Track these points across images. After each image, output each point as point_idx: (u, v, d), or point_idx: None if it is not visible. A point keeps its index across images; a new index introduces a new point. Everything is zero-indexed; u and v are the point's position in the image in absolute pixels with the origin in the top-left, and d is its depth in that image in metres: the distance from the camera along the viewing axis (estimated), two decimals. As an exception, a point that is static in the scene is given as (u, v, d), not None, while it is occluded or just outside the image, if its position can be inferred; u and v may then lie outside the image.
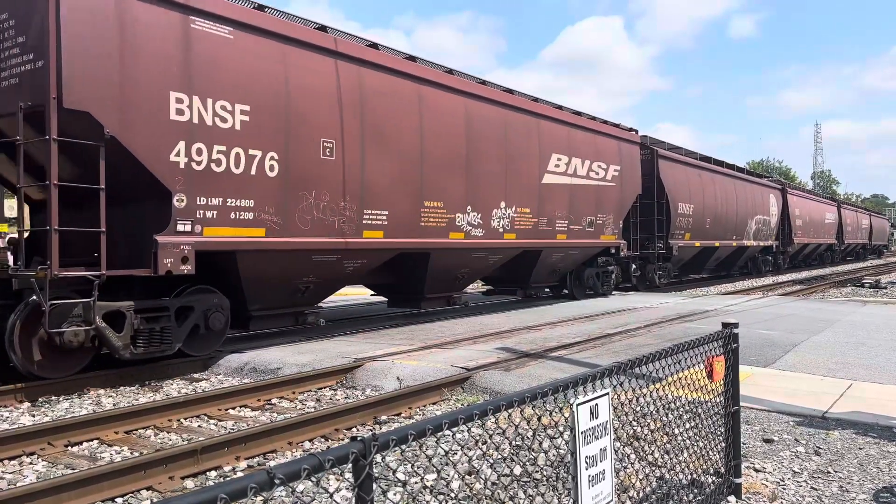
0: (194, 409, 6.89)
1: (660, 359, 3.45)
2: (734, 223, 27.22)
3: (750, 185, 29.96)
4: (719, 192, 25.79)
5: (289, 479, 1.71)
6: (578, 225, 16.30)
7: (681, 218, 22.34)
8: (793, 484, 4.67)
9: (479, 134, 13.10)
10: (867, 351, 9.63)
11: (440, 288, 13.31)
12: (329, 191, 10.09)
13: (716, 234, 25.29)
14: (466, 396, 7.43)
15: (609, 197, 17.63)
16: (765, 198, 31.43)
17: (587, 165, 16.60)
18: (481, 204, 13.17)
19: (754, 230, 29.61)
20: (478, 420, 2.37)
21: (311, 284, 10.46)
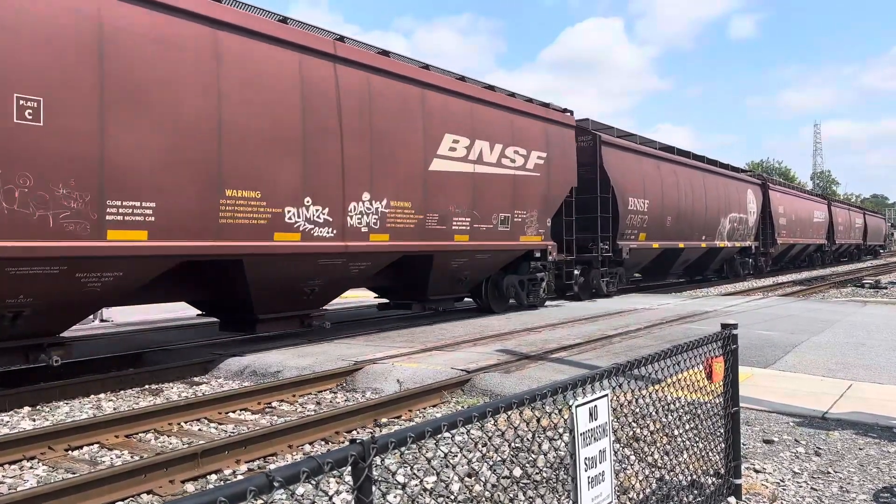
0: (194, 413, 6.89)
1: (659, 360, 3.46)
2: (703, 222, 24.18)
3: (723, 180, 26.71)
4: (684, 187, 22.74)
5: (288, 482, 1.71)
6: (486, 223, 13.48)
7: (632, 216, 19.43)
8: (793, 484, 4.67)
9: (325, 103, 10.08)
10: (867, 351, 9.63)
11: (283, 305, 10.42)
12: (33, 171, 7.02)
13: (680, 234, 22.41)
14: (466, 399, 7.43)
15: (531, 190, 14.72)
16: (741, 194, 28.39)
17: (499, 151, 13.77)
18: (329, 195, 10.20)
19: (728, 230, 26.60)
20: (477, 422, 2.37)
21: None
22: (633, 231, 19.55)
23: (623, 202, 18.88)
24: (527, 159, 14.62)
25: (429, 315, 14.92)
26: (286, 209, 9.59)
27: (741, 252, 29.28)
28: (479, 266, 13.96)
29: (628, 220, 19.15)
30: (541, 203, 15.14)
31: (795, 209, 36.36)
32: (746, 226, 28.76)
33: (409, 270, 12.72)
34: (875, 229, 63.38)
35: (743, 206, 28.33)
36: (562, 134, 16.09)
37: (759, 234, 30.69)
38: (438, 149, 12.37)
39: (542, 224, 15.26)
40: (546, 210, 15.38)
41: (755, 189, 30.52)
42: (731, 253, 28.13)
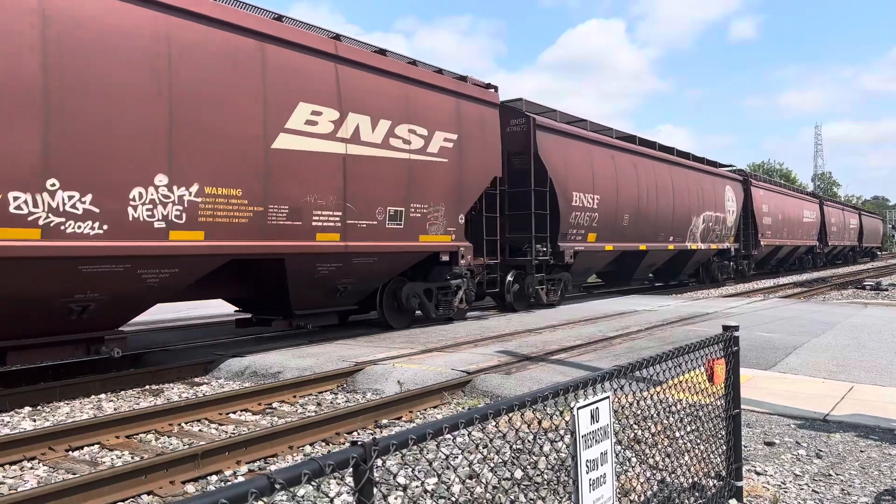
0: (195, 414, 6.89)
1: (660, 362, 3.45)
2: (669, 221, 21.42)
3: (695, 175, 23.73)
4: (646, 182, 20.02)
5: (289, 484, 1.71)
6: (368, 219, 10.82)
7: (578, 213, 16.72)
8: (794, 487, 4.66)
9: (82, 50, 7.41)
10: (868, 353, 9.62)
11: (33, 329, 7.71)
12: None
13: (640, 234, 19.81)
14: (467, 400, 7.42)
15: (435, 179, 12.17)
16: (719, 190, 25.64)
17: (386, 128, 11.12)
18: (94, 177, 7.50)
19: (703, 230, 23.93)
20: (478, 424, 2.37)
21: None
22: (579, 231, 16.93)
23: (565, 197, 16.17)
24: (428, 141, 11.99)
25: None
26: (12, 194, 6.90)
27: (719, 255, 26.84)
28: (363, 273, 11.18)
29: (573, 219, 16.50)
30: (450, 195, 12.57)
31: (782, 208, 33.57)
32: (724, 226, 26.02)
33: (260, 279, 10.32)
34: (871, 230, 60.76)
35: (720, 203, 25.57)
36: (481, 113, 13.48)
37: (741, 235, 28.16)
38: (288, 121, 9.59)
39: (453, 221, 12.66)
40: (458, 204, 12.78)
41: (735, 185, 27.85)
42: (707, 255, 25.57)
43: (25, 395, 7.61)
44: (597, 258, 18.62)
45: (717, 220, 25.27)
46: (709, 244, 24.76)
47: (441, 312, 13.03)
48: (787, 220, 34.20)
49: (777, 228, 32.49)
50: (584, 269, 18.66)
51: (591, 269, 19.54)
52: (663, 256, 22.28)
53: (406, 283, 12.47)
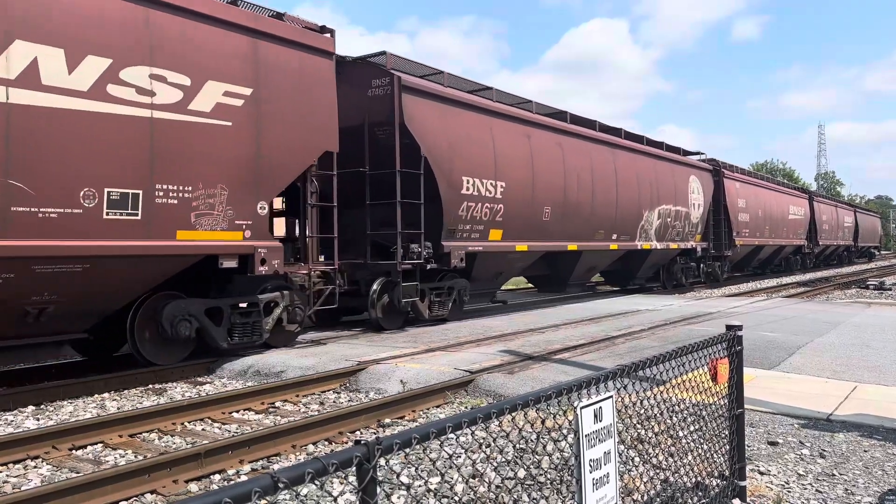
0: (198, 413, 6.90)
1: (664, 361, 3.45)
2: (612, 216, 17.98)
3: (649, 161, 20.17)
4: (577, 167, 16.35)
5: (293, 483, 1.71)
6: (61, 205, 7.33)
7: (471, 204, 13.00)
8: (798, 487, 4.66)
9: None
10: (872, 353, 9.60)
11: None
12: None
13: (568, 231, 16.21)
14: (470, 399, 7.42)
15: (209, 150, 8.69)
16: (681, 181, 22.04)
17: (101, 69, 7.63)
18: None
19: (659, 227, 20.52)
20: (482, 423, 2.36)
21: None
22: (475, 227, 13.25)
23: (450, 183, 12.50)
24: (192, 94, 8.51)
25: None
26: None
27: (684, 255, 23.43)
28: (72, 288, 7.69)
29: (463, 211, 12.84)
30: (239, 175, 9.05)
31: (763, 203, 29.96)
32: (688, 222, 22.49)
33: None
34: (868, 229, 56.94)
35: (682, 196, 22.03)
36: (300, 64, 9.91)
37: (710, 233, 24.80)
38: None
39: (246, 211, 9.15)
40: (255, 187, 9.27)
41: (703, 176, 24.22)
42: (667, 256, 22.32)
43: (29, 394, 7.62)
44: (508, 261, 14.91)
45: (677, 215, 21.74)
46: (667, 243, 21.31)
47: (239, 341, 9.38)
48: (768, 216, 30.74)
49: (757, 226, 29.04)
50: (493, 273, 14.85)
51: (504, 274, 15.62)
52: (606, 258, 18.94)
53: (174, 300, 8.84)
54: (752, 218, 28.60)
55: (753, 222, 28.73)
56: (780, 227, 32.73)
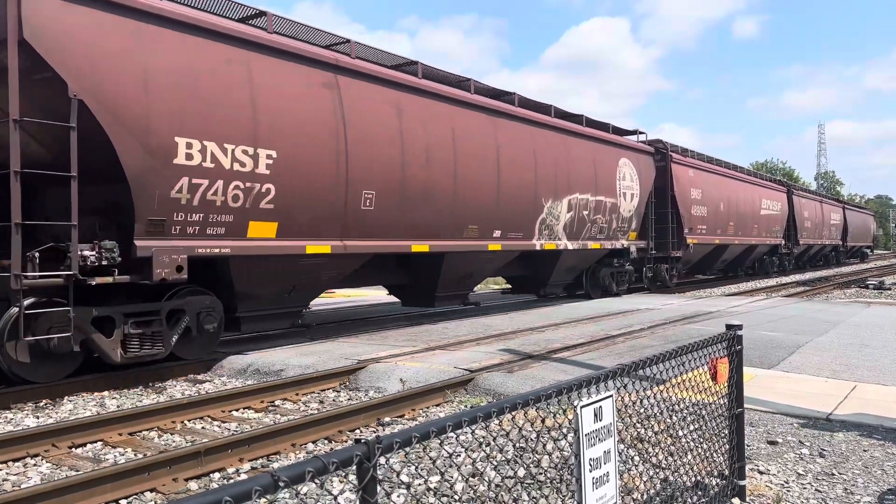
0: (198, 411, 6.90)
1: (663, 361, 3.45)
2: (489, 206, 13.31)
3: (554, 137, 15.49)
4: (425, 138, 11.81)
5: (293, 482, 1.71)
6: None
7: (198, 181, 8.45)
8: (797, 486, 4.66)
9: None
10: (872, 352, 9.60)
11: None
12: None
13: (414, 223, 11.70)
14: (469, 398, 7.42)
15: None
16: (605, 165, 17.47)
17: None
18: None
19: (569, 222, 15.89)
20: (482, 422, 2.37)
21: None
22: (214, 217, 8.76)
23: (146, 146, 7.95)
24: None
25: (431, 314, 14.92)
26: None
27: (615, 256, 19.13)
28: None
29: (183, 192, 8.32)
30: None
31: (726, 195, 25.77)
32: (617, 216, 18.08)
33: None
34: (859, 227, 52.11)
35: (607, 184, 17.53)
36: None
37: (651, 230, 20.46)
38: None
39: None
40: None
41: (641, 160, 19.59)
42: (587, 258, 17.88)
43: (29, 392, 7.62)
44: (304, 269, 10.27)
45: (600, 207, 17.18)
46: (585, 242, 16.81)
47: None
48: (734, 211, 26.27)
49: (718, 222, 24.71)
50: (277, 289, 10.12)
51: (303, 289, 10.61)
52: (487, 262, 14.06)
53: None
54: (712, 212, 24.18)
55: (713, 217, 24.27)
56: (749, 223, 28.12)
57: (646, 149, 20.41)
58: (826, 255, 44.05)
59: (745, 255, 29.46)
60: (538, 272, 16.69)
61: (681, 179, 21.90)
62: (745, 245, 28.22)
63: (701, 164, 24.36)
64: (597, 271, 18.81)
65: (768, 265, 32.60)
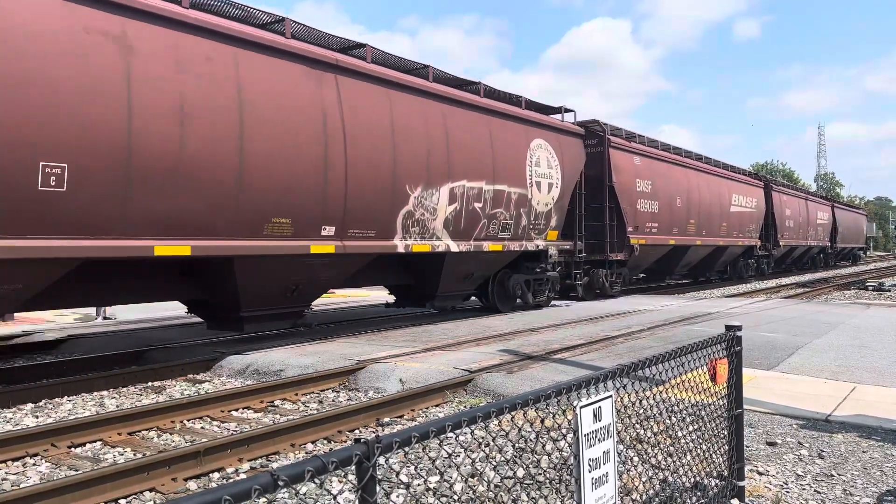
0: (197, 411, 6.90)
1: (663, 361, 3.45)
2: (312, 194, 9.79)
3: (430, 107, 12.04)
4: (174, 92, 8.04)
5: (292, 481, 1.71)
6: None
7: None
8: (796, 487, 4.66)
9: None
10: (871, 354, 9.61)
11: None
12: None
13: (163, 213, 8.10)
14: (469, 399, 7.43)
15: None
16: (510, 145, 13.83)
17: None
18: None
19: (454, 216, 12.40)
20: (481, 423, 2.37)
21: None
22: None
23: None
24: None
25: (431, 314, 14.92)
26: None
27: (529, 260, 15.28)
28: None
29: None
30: None
31: (685, 188, 22.02)
32: (529, 211, 14.37)
33: None
34: (850, 228, 48.61)
35: (515, 171, 13.88)
36: None
37: (580, 228, 16.82)
38: None
39: None
40: None
41: (565, 143, 15.76)
42: (490, 264, 14.04)
43: (28, 391, 7.62)
44: None
45: (500, 199, 13.46)
46: (481, 243, 13.16)
47: None
48: (695, 207, 22.81)
49: (673, 220, 21.23)
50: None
51: None
52: (321, 269, 10.45)
53: None
54: (665, 208, 20.69)
55: (667, 214, 20.81)
56: (715, 221, 24.57)
57: (573, 129, 16.61)
58: (813, 258, 40.70)
59: (713, 258, 26.12)
60: (423, 281, 13.12)
61: (623, 169, 18.65)
62: (712, 246, 24.88)
63: (651, 152, 20.61)
64: (506, 279, 15.09)
65: (743, 269, 29.19)
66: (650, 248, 20.14)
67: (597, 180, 17.82)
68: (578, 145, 16.70)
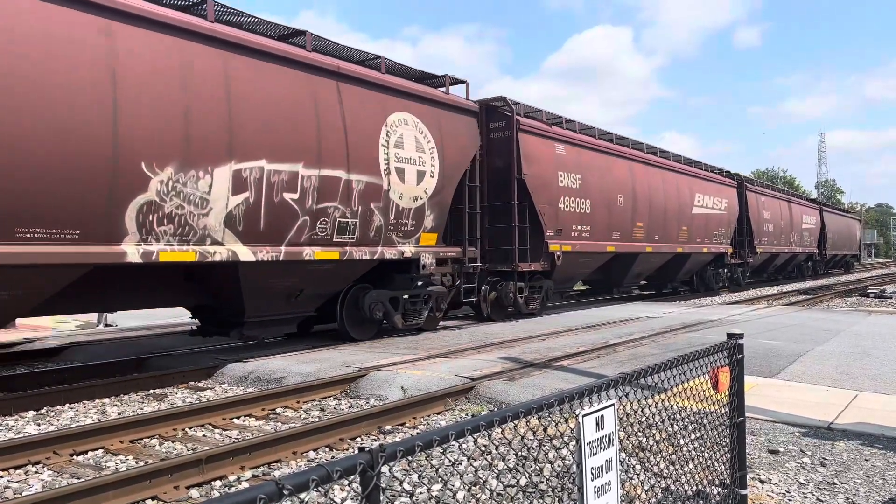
0: (199, 419, 6.90)
1: (665, 369, 3.45)
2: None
3: (202, 52, 8.53)
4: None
5: (297, 490, 1.71)
6: None
7: None
8: (798, 495, 4.65)
9: None
10: (873, 361, 9.60)
11: None
12: None
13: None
14: (471, 406, 7.42)
15: None
16: (357, 117, 10.57)
17: None
18: None
19: (242, 210, 9.00)
20: (484, 431, 2.37)
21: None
22: None
23: None
24: None
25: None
26: None
27: (393, 274, 12.02)
28: None
29: None
30: None
31: (629, 186, 18.36)
32: (388, 207, 11.29)
33: None
34: (841, 233, 44.62)
35: (363, 152, 10.73)
36: None
37: (471, 232, 13.53)
38: None
39: None
40: None
41: (447, 122, 12.62)
42: (327, 279, 10.73)
43: (30, 399, 7.63)
44: None
45: (334, 189, 10.24)
46: (301, 249, 9.95)
47: None
48: (644, 207, 19.10)
49: (612, 222, 17.58)
50: None
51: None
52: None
53: None
54: (602, 208, 17.09)
55: (604, 216, 17.18)
56: (673, 225, 20.94)
57: (461, 105, 13.17)
58: (800, 266, 37.15)
59: (674, 267, 22.43)
60: (222, 302, 10.07)
61: (539, 158, 14.99)
62: (670, 254, 21.13)
63: (581, 140, 16.81)
64: (361, 296, 11.53)
65: (712, 279, 25.39)
66: (580, 257, 16.53)
67: (501, 171, 14.56)
68: (470, 126, 13.39)
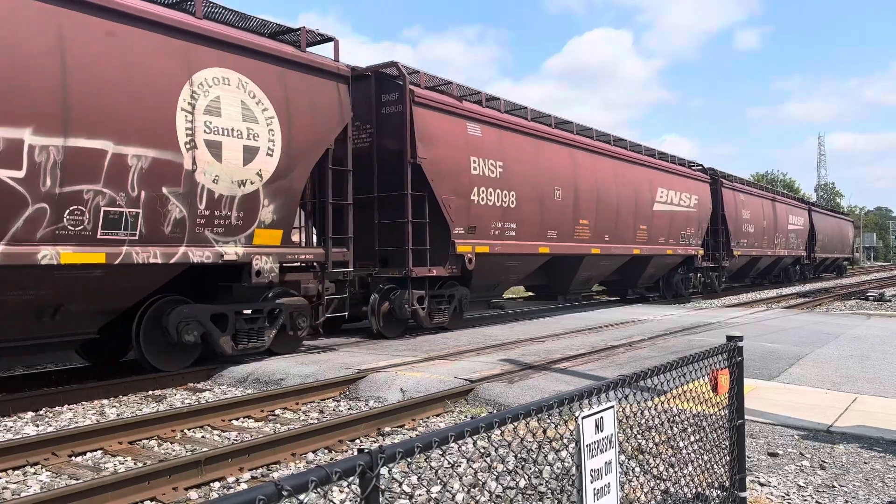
0: (198, 420, 6.89)
1: (664, 372, 3.45)
2: None
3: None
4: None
5: (296, 491, 1.71)
6: None
7: None
8: (798, 498, 4.65)
9: None
10: (872, 364, 9.60)
11: None
12: None
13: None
14: (470, 408, 7.42)
15: None
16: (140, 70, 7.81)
17: None
18: None
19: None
20: (483, 433, 2.37)
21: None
22: None
23: None
24: None
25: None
26: None
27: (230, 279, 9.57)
28: None
29: None
30: None
31: (569, 177, 15.76)
32: (195, 193, 8.52)
33: None
34: (832, 235, 41.93)
35: (155, 120, 8.03)
36: None
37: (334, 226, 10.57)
38: None
39: None
40: None
41: (295, 84, 9.73)
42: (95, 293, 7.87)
43: (28, 400, 7.62)
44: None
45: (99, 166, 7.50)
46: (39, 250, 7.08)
47: None
48: (590, 203, 16.56)
49: (545, 218, 14.97)
50: None
51: None
52: None
53: None
54: (532, 202, 14.55)
55: (535, 211, 14.66)
56: (628, 224, 18.44)
57: (319, 65, 10.30)
58: (786, 270, 34.41)
59: (633, 271, 20.00)
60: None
61: (441, 138, 12.36)
62: (625, 256, 18.59)
63: (503, 120, 13.96)
64: (165, 314, 8.83)
65: (681, 284, 23.00)
66: (505, 259, 13.93)
67: (391, 154, 12.07)
68: (335, 94, 10.54)
